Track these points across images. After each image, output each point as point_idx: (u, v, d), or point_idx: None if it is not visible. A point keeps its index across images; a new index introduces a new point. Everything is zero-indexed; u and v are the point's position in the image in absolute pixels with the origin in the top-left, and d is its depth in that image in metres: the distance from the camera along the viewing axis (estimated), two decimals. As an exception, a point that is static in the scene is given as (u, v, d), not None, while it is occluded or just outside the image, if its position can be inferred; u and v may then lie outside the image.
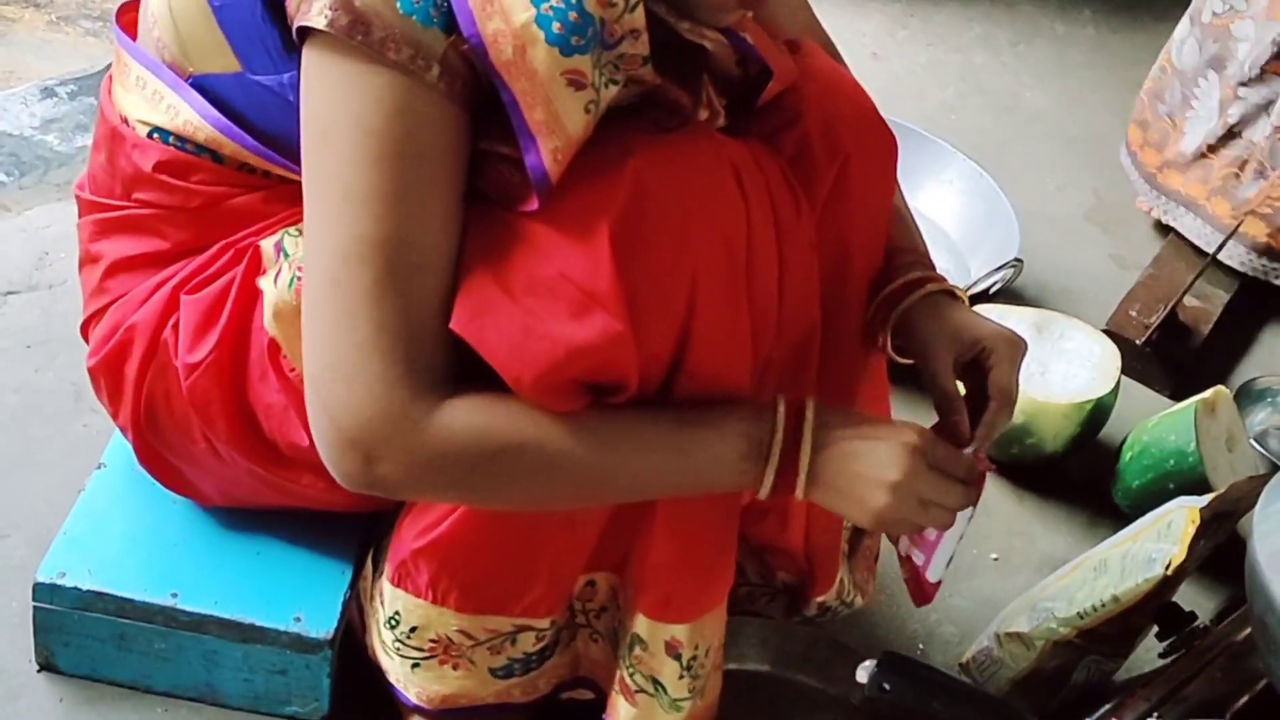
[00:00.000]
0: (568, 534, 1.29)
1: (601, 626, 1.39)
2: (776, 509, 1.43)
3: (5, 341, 1.88)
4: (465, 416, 1.14)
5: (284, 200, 1.29)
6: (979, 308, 2.01)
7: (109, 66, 1.39)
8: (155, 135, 1.31)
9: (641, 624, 1.33)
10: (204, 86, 1.27)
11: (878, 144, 1.38)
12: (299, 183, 1.24)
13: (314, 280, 1.14)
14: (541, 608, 1.33)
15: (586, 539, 1.30)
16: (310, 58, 1.12)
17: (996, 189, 2.34)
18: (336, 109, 1.10)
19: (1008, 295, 2.21)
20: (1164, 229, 2.49)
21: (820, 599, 1.53)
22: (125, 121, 1.33)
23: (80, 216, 1.43)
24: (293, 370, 1.27)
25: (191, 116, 1.27)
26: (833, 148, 1.32)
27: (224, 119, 1.26)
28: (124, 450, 1.50)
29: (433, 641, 1.34)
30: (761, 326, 1.24)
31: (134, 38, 1.34)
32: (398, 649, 1.36)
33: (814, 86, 1.34)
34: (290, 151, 1.21)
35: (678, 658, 1.34)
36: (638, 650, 1.34)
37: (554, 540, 1.28)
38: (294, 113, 1.17)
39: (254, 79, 1.23)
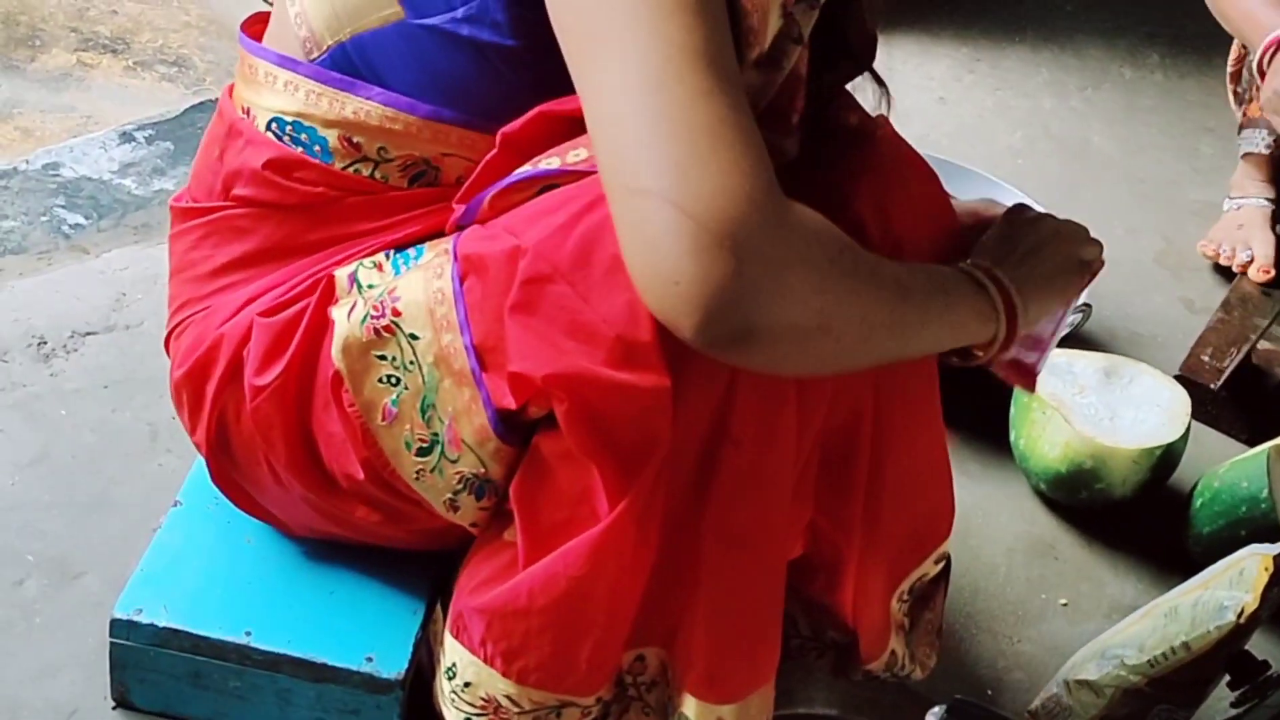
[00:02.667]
0: (608, 611, 1.27)
1: (653, 701, 1.37)
2: (826, 568, 1.42)
3: (83, 381, 1.91)
4: (808, 210, 1.07)
5: (378, 209, 1.30)
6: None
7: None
8: (274, 125, 1.31)
9: (689, 704, 1.32)
10: (349, 56, 1.27)
11: (933, 227, 1.38)
12: (399, 191, 1.28)
13: (623, 105, 1.04)
14: (584, 686, 1.31)
15: (625, 617, 1.28)
16: None
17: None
18: None
19: (1076, 340, 2.20)
20: (1230, 273, 2.48)
21: (869, 668, 1.51)
22: (247, 113, 1.34)
23: (173, 227, 1.44)
24: (352, 405, 1.27)
25: (312, 85, 1.28)
26: (884, 234, 1.32)
27: (347, 77, 1.27)
28: (200, 488, 1.53)
29: (484, 700, 1.33)
30: (813, 386, 1.24)
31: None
32: (453, 700, 1.36)
33: (868, 174, 1.34)
34: (437, 94, 1.23)
35: None
36: None
37: (595, 617, 1.26)
38: (458, 52, 1.19)
39: (418, 23, 1.23)
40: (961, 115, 2.94)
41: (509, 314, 1.17)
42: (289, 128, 1.31)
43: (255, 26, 1.40)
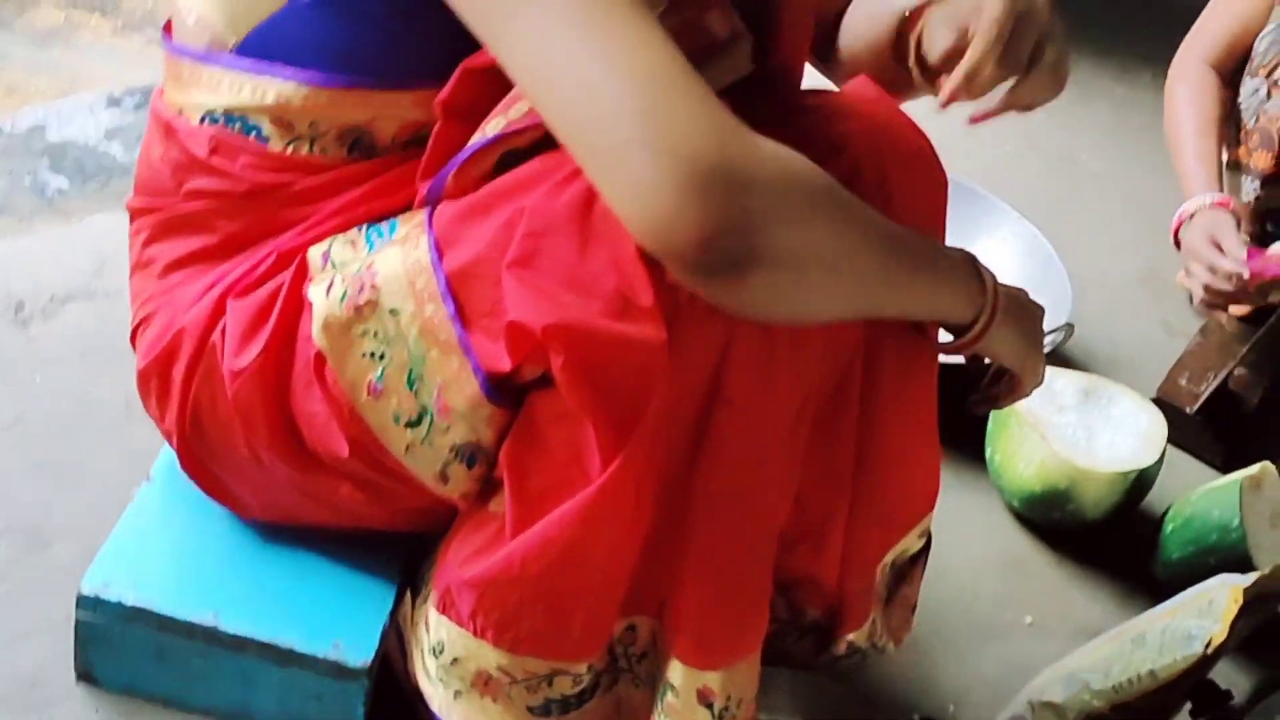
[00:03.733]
0: (602, 576, 1.27)
1: (643, 672, 1.38)
2: (812, 535, 1.42)
3: (61, 349, 1.89)
4: (783, 148, 1.07)
5: (331, 190, 1.31)
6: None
7: (154, 92, 1.43)
8: (206, 120, 1.33)
9: (675, 670, 1.32)
10: (256, 45, 1.29)
11: (927, 181, 1.38)
12: (347, 169, 1.29)
13: (566, 56, 1.05)
14: (577, 653, 1.32)
15: (618, 581, 1.29)
16: None
17: (1051, 250, 2.34)
18: None
19: (1057, 359, 2.21)
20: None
21: (850, 637, 1.51)
22: (180, 113, 1.35)
23: (130, 224, 1.45)
24: (336, 384, 1.27)
25: (233, 77, 1.29)
26: (880, 182, 1.32)
27: (264, 61, 1.28)
28: (172, 465, 1.52)
29: (475, 674, 1.33)
30: (805, 346, 1.25)
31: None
32: (441, 677, 1.36)
33: (863, 123, 1.34)
34: (343, 64, 1.25)
35: (709, 707, 1.33)
36: (670, 698, 1.33)
37: (589, 582, 1.27)
38: (349, 18, 1.21)
39: (305, 3, 1.25)
40: (951, 125, 2.92)
41: (507, 269, 1.17)
42: (221, 120, 1.32)
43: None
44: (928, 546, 1.59)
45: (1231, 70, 2.47)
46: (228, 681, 1.44)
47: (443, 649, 1.34)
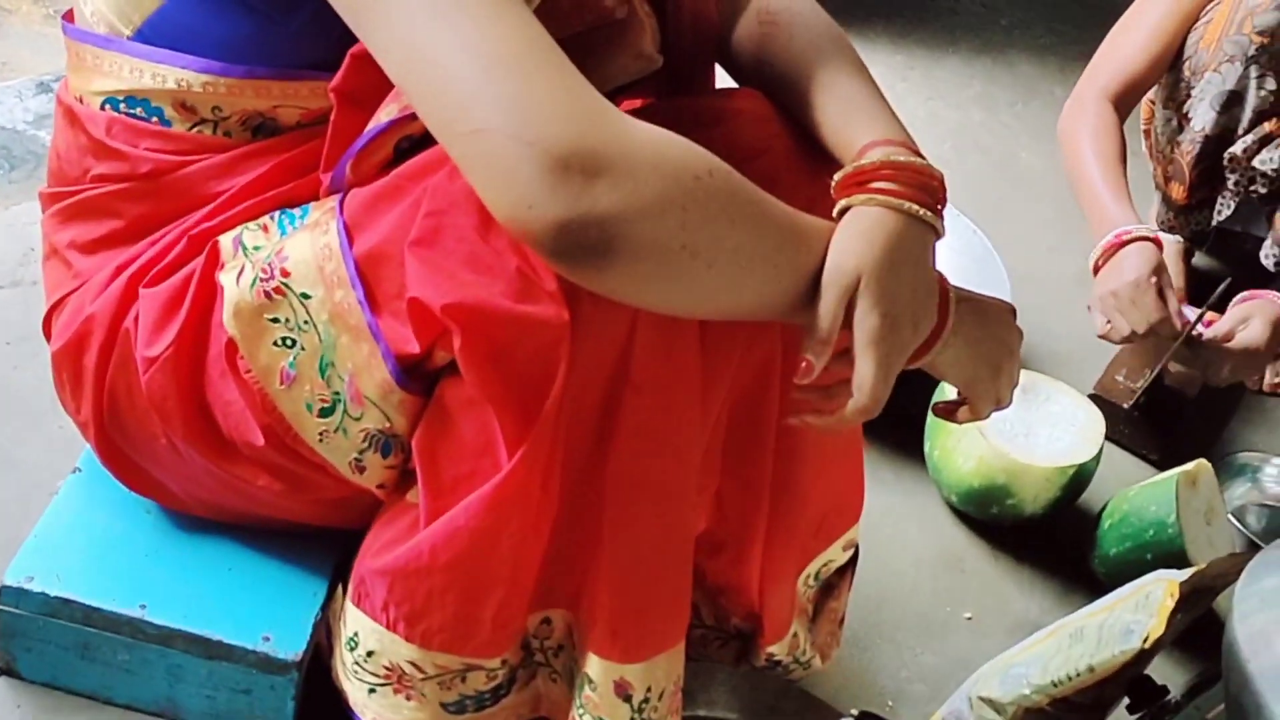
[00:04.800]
0: (512, 566, 1.25)
1: (559, 665, 1.37)
2: (732, 543, 1.41)
3: (-16, 337, 1.86)
4: (661, 132, 1.05)
5: (236, 168, 1.30)
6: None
7: (58, 85, 1.41)
8: (107, 106, 1.31)
9: (592, 663, 1.31)
10: (151, 34, 1.28)
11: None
12: (250, 146, 1.28)
13: (425, 41, 1.04)
14: (489, 648, 1.30)
15: (529, 571, 1.27)
16: None
17: (990, 248, 2.34)
18: None
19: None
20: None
21: (770, 649, 1.50)
22: (81, 100, 1.34)
23: (43, 213, 1.43)
24: (248, 371, 1.25)
25: (133, 63, 1.28)
26: (802, 186, 1.29)
27: (156, 49, 1.27)
28: (100, 455, 1.49)
29: (387, 669, 1.32)
30: (719, 340, 1.23)
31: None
32: (356, 672, 1.34)
33: (787, 127, 1.32)
34: (235, 55, 1.24)
35: (628, 700, 1.31)
36: (588, 691, 1.32)
37: (499, 572, 1.25)
38: (230, 11, 1.22)
39: None
40: (892, 123, 2.94)
41: (409, 249, 1.16)
42: (123, 104, 1.31)
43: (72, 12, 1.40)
44: (855, 559, 1.58)
45: (1135, 99, 2.49)
46: (154, 676, 1.42)
47: (357, 642, 1.32)
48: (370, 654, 1.32)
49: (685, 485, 1.28)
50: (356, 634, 1.32)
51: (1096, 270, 2.23)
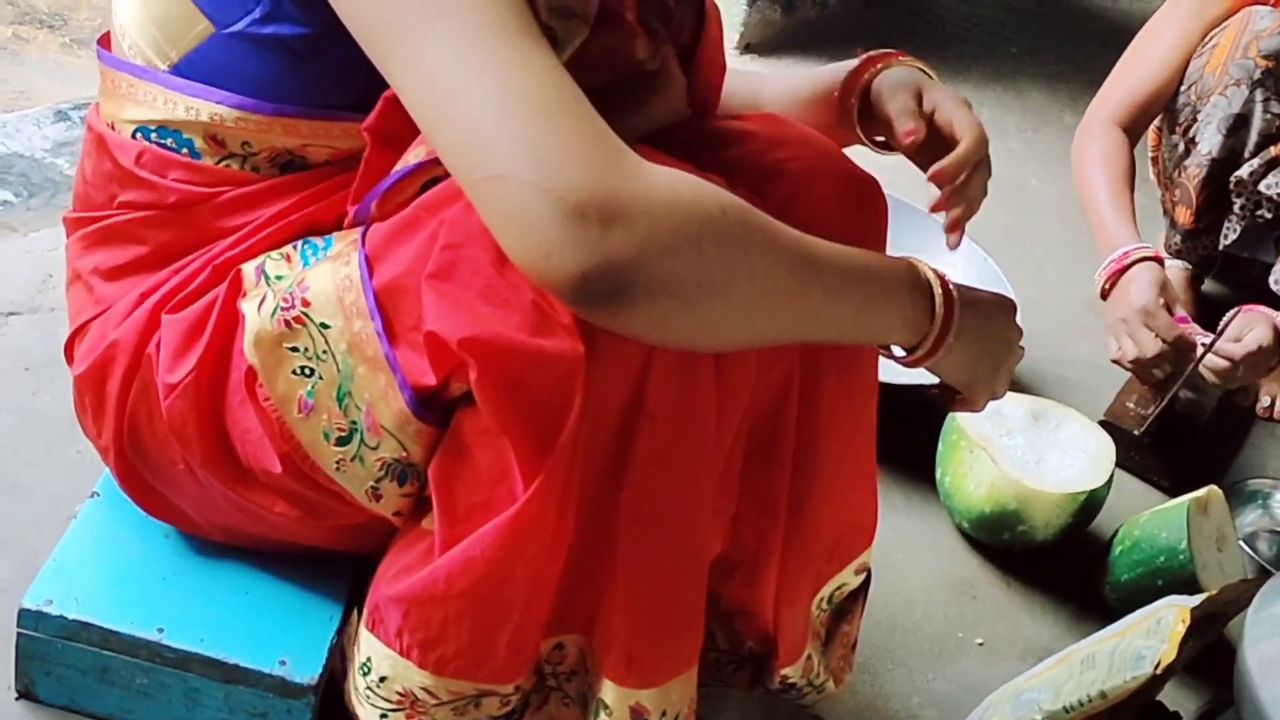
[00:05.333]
0: (527, 594, 1.26)
1: (573, 690, 1.37)
2: (747, 565, 1.42)
3: (3, 362, 1.87)
4: (676, 171, 1.06)
5: (262, 201, 1.31)
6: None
7: (89, 109, 1.43)
8: (139, 134, 1.33)
9: (607, 689, 1.31)
10: (188, 70, 1.29)
11: (866, 207, 1.38)
12: (277, 180, 1.29)
13: (448, 84, 1.05)
14: (503, 674, 1.30)
15: (543, 599, 1.27)
16: None
17: (1000, 274, 2.35)
18: None
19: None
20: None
21: (785, 671, 1.51)
22: (112, 126, 1.35)
23: (67, 238, 1.44)
24: (267, 400, 1.26)
25: (167, 95, 1.30)
26: (818, 209, 1.32)
27: (198, 83, 1.28)
28: (118, 480, 1.50)
29: (400, 695, 1.32)
30: (734, 366, 1.24)
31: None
32: (368, 697, 1.34)
33: (799, 150, 1.34)
34: (270, 94, 1.26)
35: None
36: (603, 716, 1.32)
37: (514, 600, 1.25)
38: (269, 51, 1.23)
39: (226, 33, 1.26)
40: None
41: (425, 281, 1.17)
42: (154, 134, 1.33)
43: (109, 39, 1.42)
44: (867, 583, 1.59)
45: (1144, 126, 2.51)
46: (171, 699, 1.42)
47: (370, 667, 1.32)
48: (383, 679, 1.32)
49: (699, 511, 1.28)
50: (370, 659, 1.33)
51: (1104, 294, 2.26)
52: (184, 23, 1.28)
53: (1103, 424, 2.17)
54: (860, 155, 1.42)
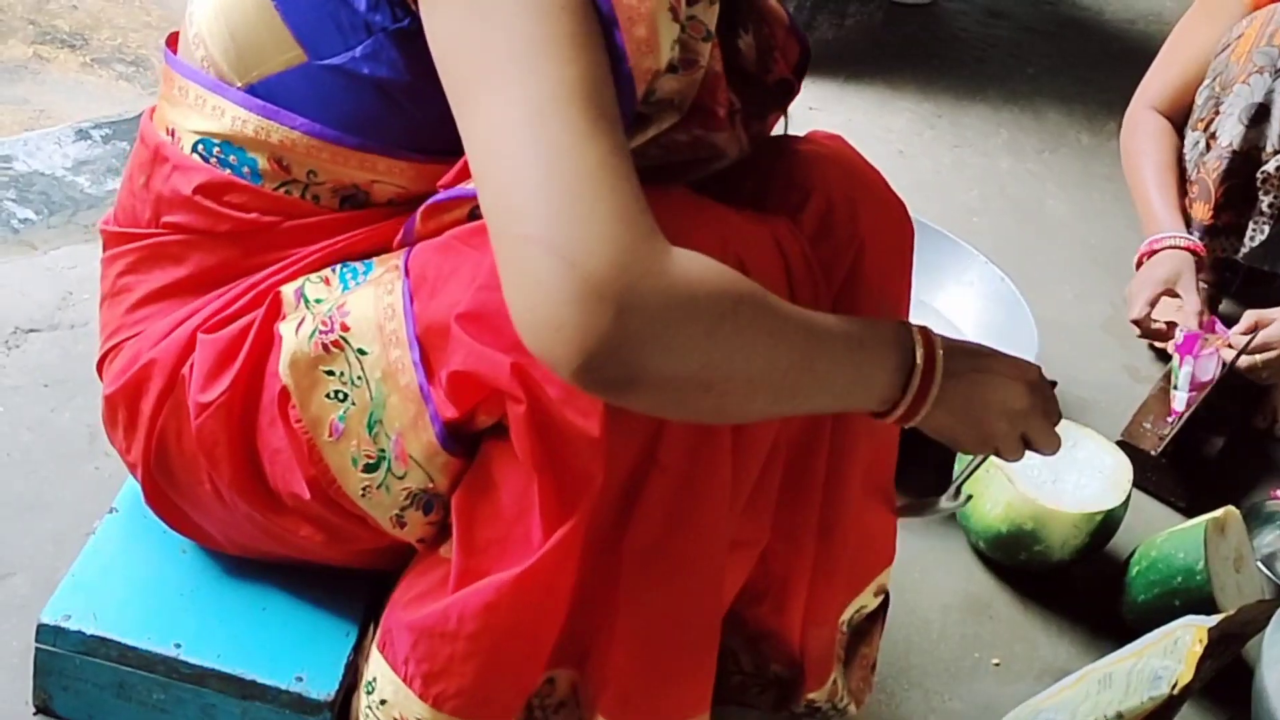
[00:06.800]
0: (533, 641, 1.26)
1: None
2: (774, 590, 1.42)
3: (22, 379, 1.88)
4: (700, 260, 1.05)
5: (311, 233, 1.30)
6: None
7: (145, 112, 1.42)
8: (200, 147, 1.31)
9: None
10: (260, 92, 1.28)
11: (897, 232, 1.39)
12: (327, 213, 1.28)
13: (506, 141, 1.05)
14: (499, 715, 1.30)
15: (547, 644, 1.27)
16: None
17: (1017, 294, 2.35)
18: None
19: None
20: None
21: (810, 696, 1.51)
22: (171, 134, 1.34)
23: (105, 250, 1.43)
24: (299, 422, 1.26)
25: (239, 112, 1.28)
26: (852, 231, 1.33)
27: (273, 105, 1.27)
28: (136, 496, 1.50)
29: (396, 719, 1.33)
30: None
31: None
32: (368, 715, 1.34)
33: (835, 169, 1.35)
34: (352, 128, 1.25)
35: None
36: None
37: (520, 647, 1.25)
38: (363, 89, 1.21)
39: (321, 65, 1.24)
40: (919, 170, 2.96)
41: (456, 320, 1.17)
42: (216, 149, 1.31)
43: (177, 39, 1.40)
44: (886, 605, 1.59)
45: (1182, 118, 2.52)
46: (187, 715, 1.42)
47: (374, 687, 1.33)
48: (384, 702, 1.32)
49: (709, 562, 1.28)
50: (376, 679, 1.33)
51: (1137, 266, 2.39)
52: (274, 48, 1.26)
53: (1120, 444, 2.17)
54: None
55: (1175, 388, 2.28)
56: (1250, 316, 2.30)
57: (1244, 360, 2.27)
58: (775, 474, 1.32)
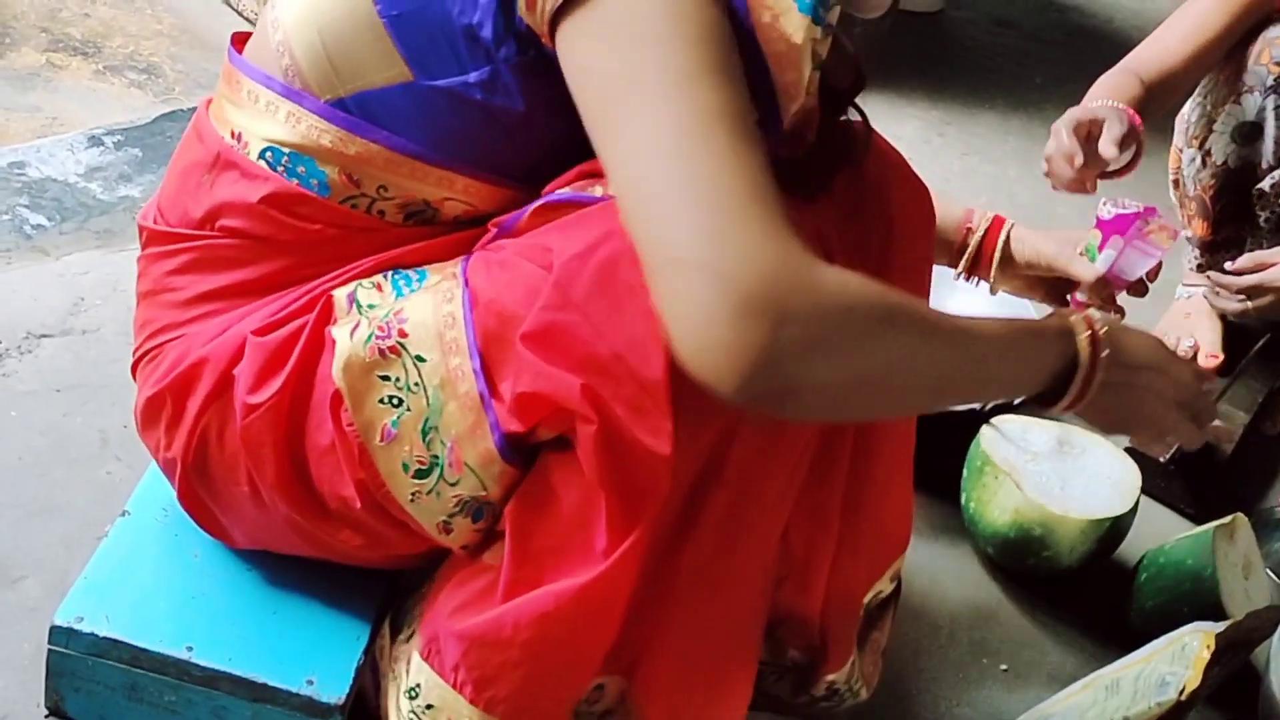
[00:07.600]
0: (587, 650, 1.27)
1: None
2: (796, 572, 1.42)
3: (34, 384, 1.89)
4: (848, 274, 1.07)
5: (373, 245, 1.31)
6: (1001, 419, 2.03)
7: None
8: (268, 154, 1.31)
9: None
10: (351, 105, 1.28)
11: (924, 211, 1.42)
12: (394, 226, 1.29)
13: (653, 163, 1.06)
14: (548, 719, 1.32)
15: (599, 653, 1.28)
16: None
17: (1025, 302, 2.35)
18: (638, 10, 1.09)
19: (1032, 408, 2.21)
20: (1186, 349, 2.51)
21: (831, 677, 1.51)
22: (237, 138, 1.33)
23: (146, 247, 1.43)
24: (350, 425, 1.27)
25: (316, 122, 1.28)
26: (881, 210, 1.34)
27: (354, 118, 1.27)
28: (149, 499, 1.52)
29: None
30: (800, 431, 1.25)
31: None
32: (411, 718, 1.35)
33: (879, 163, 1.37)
34: (441, 146, 1.25)
35: None
36: None
37: (573, 656, 1.27)
38: (469, 111, 1.23)
39: (429, 84, 1.24)
40: (928, 178, 2.90)
41: (521, 340, 1.18)
42: (285, 158, 1.30)
43: (243, 41, 1.39)
44: (898, 590, 1.60)
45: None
46: (199, 717, 1.43)
47: (418, 693, 1.33)
48: (430, 707, 1.32)
49: (761, 572, 1.30)
50: (419, 686, 1.33)
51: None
52: (376, 64, 1.26)
53: (1128, 451, 2.17)
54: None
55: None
56: (1251, 257, 2.27)
57: (1234, 304, 2.26)
58: (805, 458, 1.33)
